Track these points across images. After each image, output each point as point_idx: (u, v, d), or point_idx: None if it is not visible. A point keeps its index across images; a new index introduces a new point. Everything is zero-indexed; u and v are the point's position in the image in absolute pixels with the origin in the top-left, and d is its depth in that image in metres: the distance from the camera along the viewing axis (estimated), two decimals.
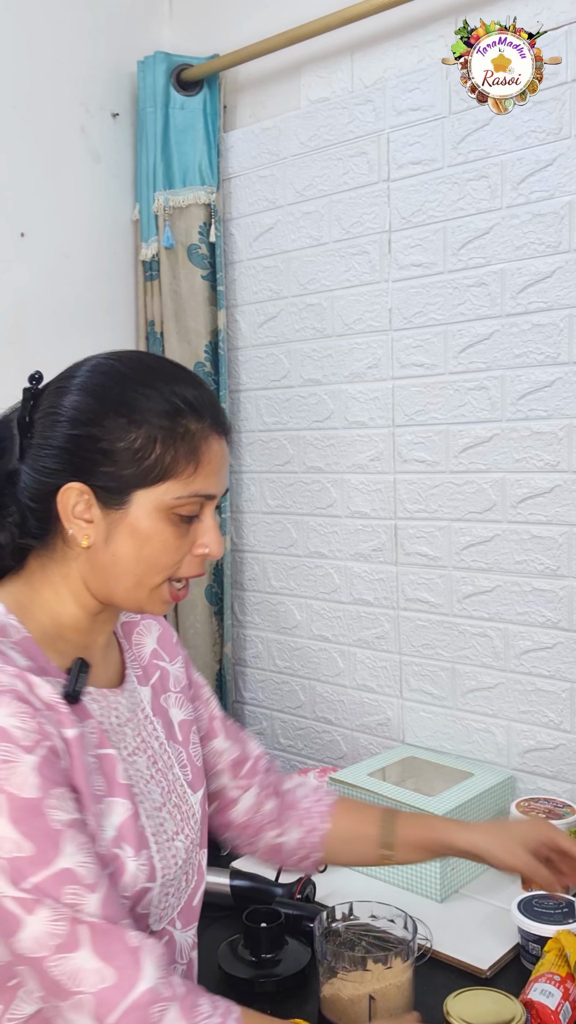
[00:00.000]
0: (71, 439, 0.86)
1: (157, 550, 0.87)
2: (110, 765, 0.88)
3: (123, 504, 0.86)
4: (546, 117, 1.48)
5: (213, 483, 0.88)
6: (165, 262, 1.90)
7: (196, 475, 0.87)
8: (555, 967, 1.14)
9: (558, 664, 1.56)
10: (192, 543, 0.89)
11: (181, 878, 0.95)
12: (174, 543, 0.87)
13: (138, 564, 0.87)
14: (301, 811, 1.15)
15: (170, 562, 0.88)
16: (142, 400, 0.86)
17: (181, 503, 0.86)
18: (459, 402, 1.63)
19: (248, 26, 1.85)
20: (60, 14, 1.81)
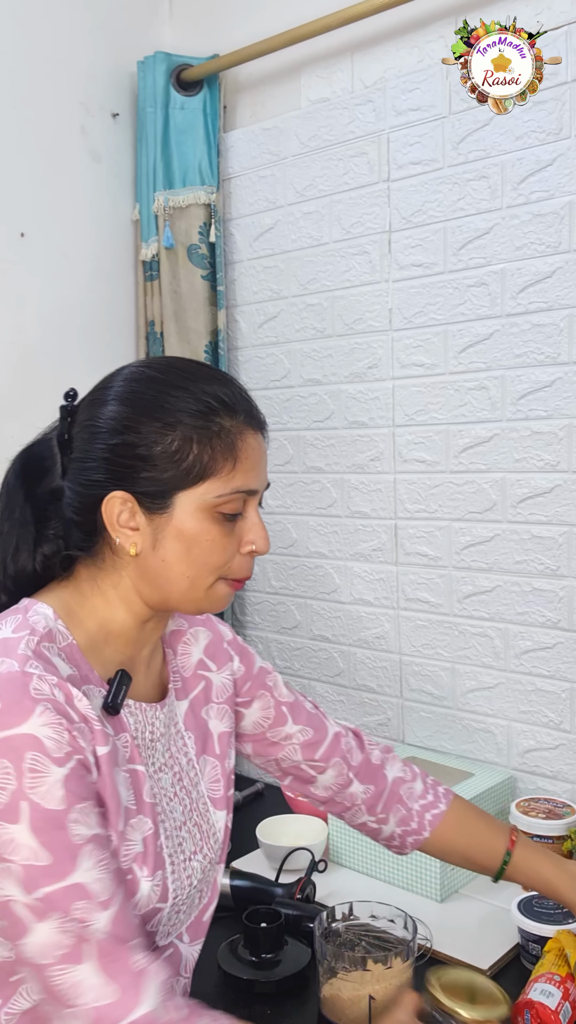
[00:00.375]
0: (110, 449, 0.86)
1: (205, 550, 0.87)
2: (139, 782, 0.88)
3: (166, 508, 0.86)
4: (546, 117, 1.48)
5: (253, 478, 0.88)
6: (165, 262, 1.90)
7: (235, 471, 0.87)
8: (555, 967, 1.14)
9: (558, 664, 1.56)
10: (239, 541, 0.89)
11: (195, 896, 0.95)
12: (221, 542, 0.87)
13: (189, 567, 0.87)
14: (409, 811, 1.15)
15: (220, 561, 0.88)
16: (174, 402, 0.86)
17: (223, 501, 0.86)
18: (459, 402, 1.63)
19: (248, 26, 1.85)
20: (60, 14, 1.81)
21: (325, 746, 1.13)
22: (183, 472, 0.86)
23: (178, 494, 0.86)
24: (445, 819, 1.15)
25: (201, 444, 0.86)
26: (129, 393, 0.88)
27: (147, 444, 0.85)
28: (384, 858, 1.50)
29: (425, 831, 1.14)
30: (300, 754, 1.12)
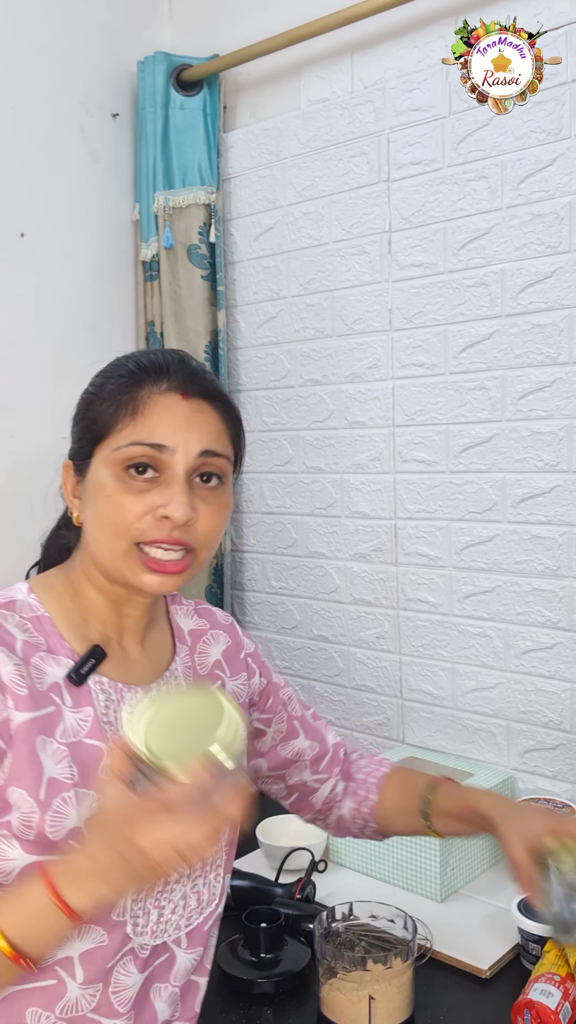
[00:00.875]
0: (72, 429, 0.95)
1: (108, 507, 0.86)
2: (93, 756, 0.86)
3: (87, 468, 0.90)
4: (546, 117, 1.48)
5: (158, 432, 0.86)
6: (165, 262, 1.90)
7: (135, 423, 0.87)
8: (555, 967, 1.14)
9: (558, 664, 1.56)
10: (152, 505, 0.86)
11: (178, 893, 0.93)
12: (124, 499, 0.86)
13: (98, 527, 0.88)
14: (356, 781, 1.16)
15: (124, 521, 0.85)
16: (101, 375, 0.93)
17: (122, 452, 0.86)
18: (459, 402, 1.63)
19: (248, 26, 1.85)
20: (60, 14, 1.81)
21: (328, 759, 1.15)
22: (91, 431, 0.89)
23: (94, 456, 0.89)
24: (388, 779, 1.15)
25: (104, 401, 0.89)
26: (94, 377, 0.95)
27: (79, 414, 0.93)
28: (384, 858, 1.50)
29: (375, 793, 1.14)
30: (309, 769, 1.14)
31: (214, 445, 0.89)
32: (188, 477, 0.87)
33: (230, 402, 0.94)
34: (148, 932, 0.90)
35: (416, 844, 1.45)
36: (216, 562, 1.96)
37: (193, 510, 0.86)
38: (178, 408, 0.88)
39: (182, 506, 0.85)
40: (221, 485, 0.91)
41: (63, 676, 0.87)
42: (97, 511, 0.88)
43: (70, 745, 0.85)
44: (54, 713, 0.85)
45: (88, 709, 0.88)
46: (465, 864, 1.48)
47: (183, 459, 0.86)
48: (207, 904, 0.97)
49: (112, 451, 0.87)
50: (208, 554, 0.91)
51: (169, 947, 0.93)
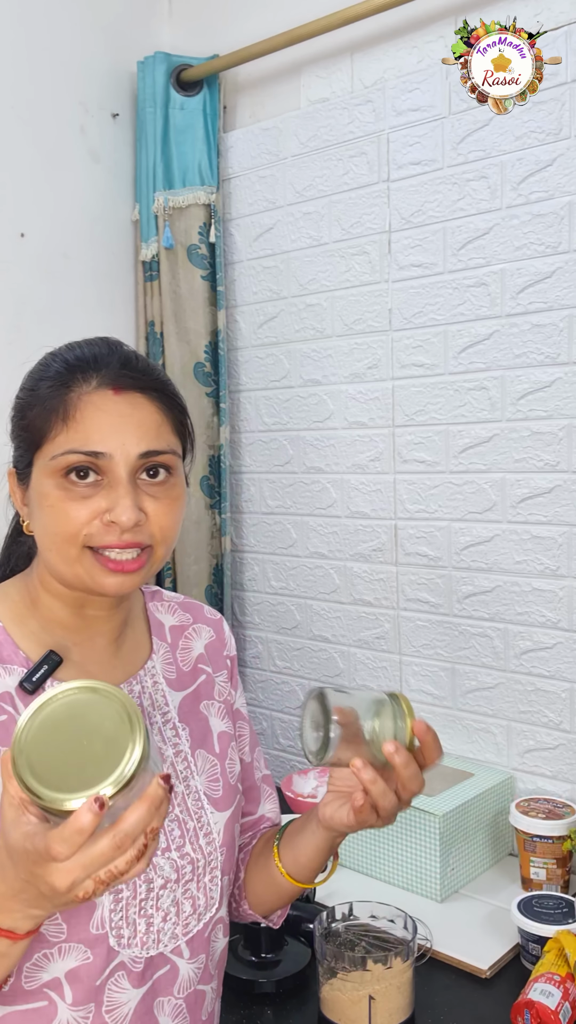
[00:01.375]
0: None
1: (53, 517, 0.83)
2: None
3: (29, 477, 0.86)
4: (546, 117, 1.48)
5: (93, 438, 0.82)
6: (165, 262, 1.90)
7: (68, 429, 0.82)
8: (555, 967, 1.14)
9: (558, 664, 1.56)
10: (97, 510, 0.82)
11: (167, 900, 0.88)
12: (68, 507, 0.82)
13: (47, 537, 0.84)
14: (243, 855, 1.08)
15: (71, 529, 0.82)
16: (30, 377, 0.89)
17: (58, 462, 0.82)
18: (459, 402, 1.63)
19: (248, 26, 1.85)
20: (60, 14, 1.81)
21: (251, 820, 1.09)
22: (27, 439, 0.86)
23: (34, 463, 0.85)
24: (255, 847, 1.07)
25: (34, 408, 0.85)
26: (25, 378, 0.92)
27: (14, 419, 0.89)
28: (384, 858, 1.50)
29: (243, 866, 1.06)
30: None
31: (154, 443, 0.84)
32: (132, 478, 0.83)
33: (169, 388, 0.89)
34: (137, 944, 0.85)
35: (416, 844, 1.45)
36: (216, 562, 1.96)
37: (141, 511, 0.83)
38: (110, 407, 0.83)
39: (127, 509, 0.81)
40: (170, 477, 0.86)
41: (15, 685, 0.84)
42: (44, 521, 0.84)
43: None
44: (6, 722, 0.83)
45: None
46: (465, 864, 1.48)
47: (123, 462, 0.82)
48: (205, 909, 0.92)
49: (49, 460, 0.83)
50: (166, 548, 0.87)
51: (168, 958, 0.88)
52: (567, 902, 1.26)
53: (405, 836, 1.47)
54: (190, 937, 0.90)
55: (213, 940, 0.94)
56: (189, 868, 0.90)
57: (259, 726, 2.03)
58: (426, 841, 1.43)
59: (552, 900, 1.27)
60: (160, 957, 0.87)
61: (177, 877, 0.89)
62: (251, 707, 2.04)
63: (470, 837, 1.49)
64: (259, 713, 2.02)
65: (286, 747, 1.98)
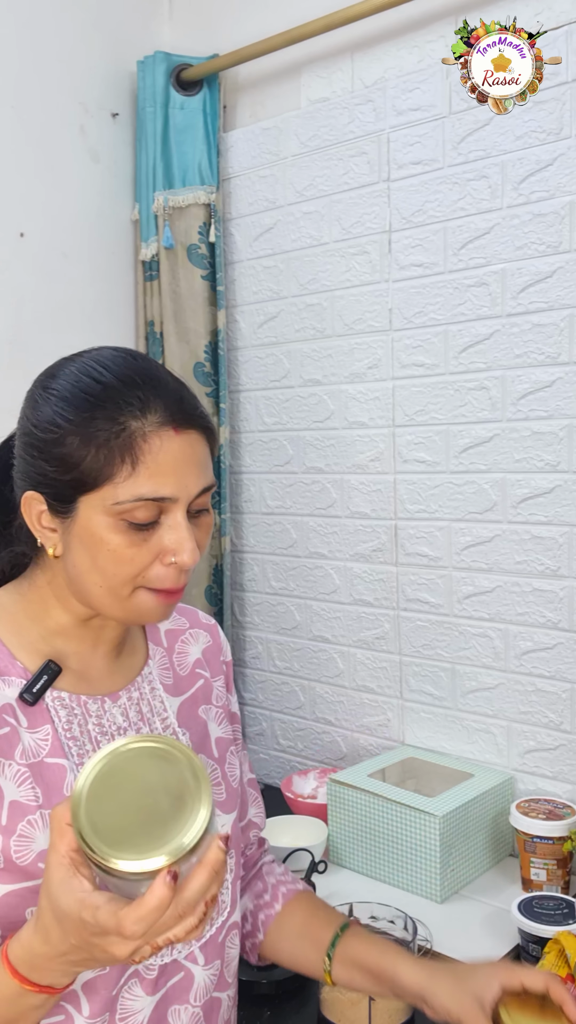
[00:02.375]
0: (24, 447, 0.84)
1: (109, 560, 0.80)
2: (56, 775, 0.82)
3: (70, 512, 0.81)
4: (546, 117, 1.48)
5: (164, 484, 0.79)
6: (165, 262, 1.90)
7: (136, 475, 0.78)
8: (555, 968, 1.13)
9: (558, 665, 1.55)
10: (158, 551, 0.81)
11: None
12: (127, 552, 0.80)
13: (97, 575, 0.81)
14: (264, 881, 1.07)
15: (129, 573, 0.80)
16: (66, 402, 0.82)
17: (124, 508, 0.79)
18: (459, 402, 1.63)
19: (248, 26, 1.85)
20: (60, 14, 1.81)
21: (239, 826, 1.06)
22: (80, 475, 0.80)
23: (81, 498, 0.80)
24: (297, 898, 1.04)
25: (96, 446, 0.79)
26: (48, 392, 0.84)
27: (50, 445, 0.81)
28: (384, 859, 1.50)
29: (278, 904, 1.04)
30: None
31: (207, 480, 0.83)
32: (188, 516, 0.82)
33: (210, 422, 0.87)
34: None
35: (416, 845, 1.44)
36: (216, 562, 1.96)
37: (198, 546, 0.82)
38: (175, 448, 0.80)
39: (192, 552, 0.80)
40: (209, 511, 0.86)
41: (16, 697, 0.83)
42: (95, 560, 0.81)
43: (31, 766, 0.81)
44: (9, 734, 0.81)
45: (46, 728, 0.84)
46: (465, 865, 1.48)
47: (184, 503, 0.81)
48: (217, 914, 0.91)
49: (112, 504, 0.79)
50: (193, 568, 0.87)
51: (183, 965, 0.87)
52: (567, 903, 1.26)
53: (405, 837, 1.47)
54: (204, 942, 0.89)
55: (229, 946, 0.93)
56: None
57: (259, 726, 2.02)
58: (426, 842, 1.43)
59: (552, 901, 1.27)
60: (174, 964, 0.86)
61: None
62: (251, 707, 2.04)
63: (470, 838, 1.49)
64: (259, 713, 2.02)
65: (286, 747, 1.98)
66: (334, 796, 1.58)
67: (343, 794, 1.56)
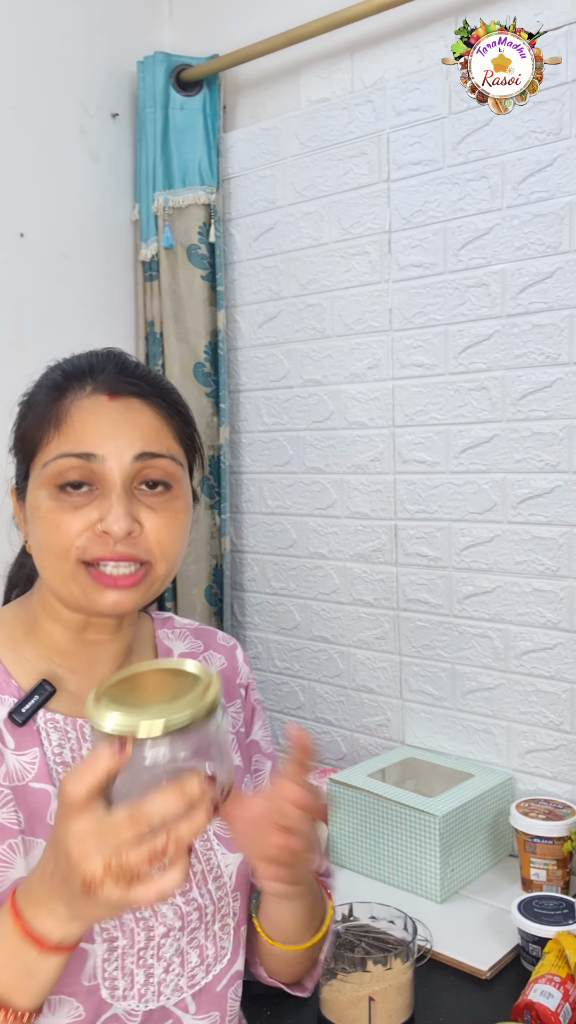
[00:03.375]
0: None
1: (45, 529, 0.79)
2: (40, 802, 0.79)
3: (26, 490, 0.83)
4: (546, 117, 1.48)
5: (87, 441, 0.78)
6: (165, 262, 1.90)
7: (60, 436, 0.79)
8: (555, 968, 1.13)
9: (558, 665, 1.55)
10: (93, 520, 0.78)
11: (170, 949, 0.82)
12: (60, 518, 0.78)
13: (41, 552, 0.80)
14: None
15: (64, 542, 0.77)
16: (30, 389, 0.87)
17: (51, 470, 0.78)
18: (459, 402, 1.63)
19: (248, 26, 1.85)
20: (60, 14, 1.81)
21: None
22: (22, 450, 0.83)
23: (30, 475, 0.82)
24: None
25: (28, 417, 0.83)
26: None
27: (11, 433, 0.86)
28: (384, 859, 1.50)
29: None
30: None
31: (151, 446, 0.80)
32: (127, 486, 0.79)
33: (171, 395, 0.85)
34: (135, 995, 0.80)
35: (416, 845, 1.44)
36: (216, 563, 1.96)
37: (135, 521, 0.78)
38: (104, 410, 0.79)
39: (119, 518, 0.76)
40: (170, 489, 0.81)
41: (5, 716, 0.80)
42: (37, 535, 0.80)
43: (14, 789, 0.79)
44: None
45: (34, 750, 0.81)
46: (465, 865, 1.48)
47: (117, 466, 0.78)
48: (215, 960, 0.85)
49: (42, 468, 0.79)
50: (167, 566, 0.81)
51: (171, 1012, 0.82)
52: (567, 903, 1.26)
53: (405, 837, 1.47)
54: (197, 990, 0.84)
55: (231, 998, 0.87)
56: (196, 915, 0.84)
57: None
58: (426, 842, 1.43)
59: (552, 901, 1.27)
60: (161, 1011, 0.82)
61: (182, 925, 0.83)
62: None
63: (470, 838, 1.49)
64: None
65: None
66: (334, 796, 1.58)
67: (343, 794, 1.56)
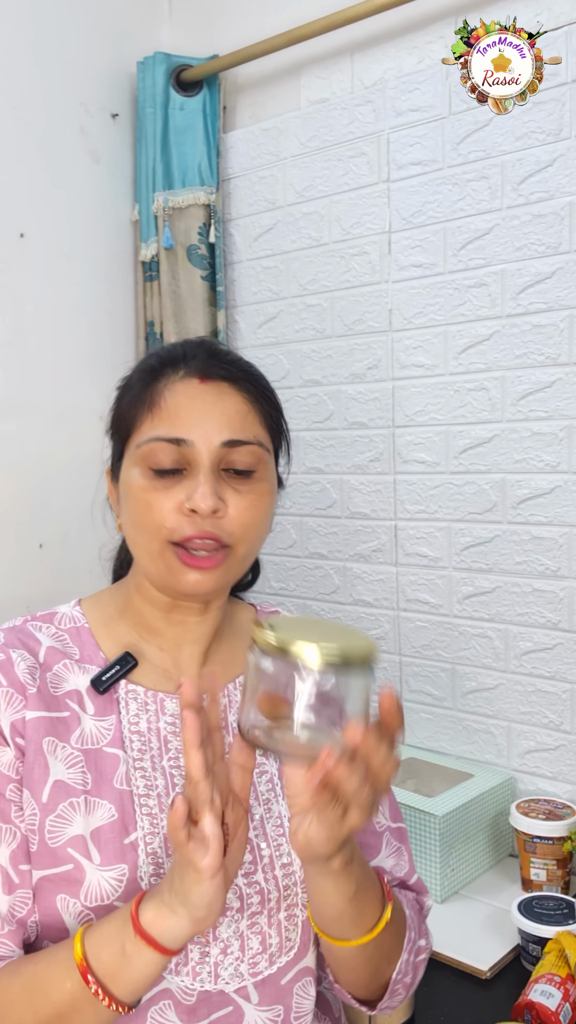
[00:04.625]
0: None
1: (137, 508, 0.82)
2: (110, 765, 0.82)
3: (119, 471, 0.87)
4: (546, 118, 1.48)
5: (179, 425, 0.81)
6: (164, 263, 1.90)
7: (154, 419, 0.82)
8: (555, 968, 1.14)
9: (558, 665, 1.55)
10: (182, 500, 0.81)
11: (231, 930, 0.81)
12: (152, 498, 0.81)
13: (134, 530, 0.84)
14: None
15: (155, 520, 0.80)
16: (129, 372, 0.90)
17: (144, 451, 0.82)
18: (459, 403, 1.63)
19: (248, 26, 1.85)
20: (60, 15, 1.81)
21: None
22: (117, 433, 0.87)
23: (124, 458, 0.86)
24: None
25: (124, 401, 0.87)
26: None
27: (110, 415, 0.90)
28: None
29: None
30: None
31: (238, 433, 0.82)
32: (215, 467, 0.81)
33: (259, 380, 0.87)
34: (188, 973, 0.79)
35: (416, 844, 1.44)
36: None
37: (221, 500, 0.81)
38: (195, 394, 0.83)
39: (206, 496, 0.79)
40: (255, 473, 0.84)
41: (87, 684, 0.85)
42: (130, 514, 0.84)
43: (86, 752, 0.82)
44: (69, 718, 0.83)
45: (112, 718, 0.84)
46: (465, 865, 1.48)
47: (206, 450, 0.81)
48: (280, 951, 0.83)
49: (135, 449, 0.83)
50: (247, 548, 0.84)
51: (231, 999, 0.80)
52: (567, 903, 1.26)
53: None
54: (260, 980, 0.81)
55: (299, 995, 0.84)
56: (257, 899, 0.82)
57: None
58: (426, 842, 1.43)
59: (552, 901, 1.27)
60: (220, 995, 0.80)
61: (241, 906, 0.81)
62: None
63: (470, 838, 1.49)
64: None
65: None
66: None
67: None
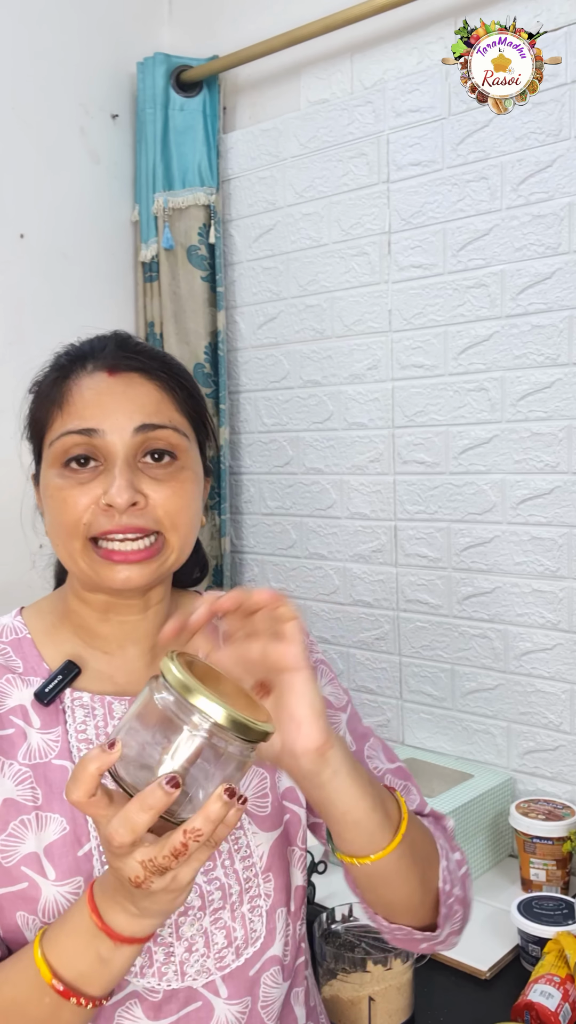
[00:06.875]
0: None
1: (55, 508, 0.80)
2: (60, 778, 0.80)
3: (40, 475, 0.85)
4: (546, 118, 1.48)
5: (89, 417, 0.79)
6: (164, 263, 1.90)
7: (63, 413, 0.81)
8: (555, 968, 1.13)
9: (558, 665, 1.55)
10: (98, 495, 0.79)
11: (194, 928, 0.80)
12: (68, 496, 0.79)
13: (54, 532, 0.82)
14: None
15: (71, 518, 0.79)
16: (39, 372, 0.89)
17: (57, 448, 0.80)
18: (459, 403, 1.63)
19: (248, 27, 1.85)
20: (60, 15, 1.81)
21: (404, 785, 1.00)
22: (32, 435, 0.86)
23: (41, 458, 0.84)
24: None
25: (35, 400, 0.86)
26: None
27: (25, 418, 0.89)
28: None
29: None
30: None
31: (152, 418, 0.80)
32: (130, 458, 0.79)
33: (173, 368, 0.85)
34: (154, 973, 0.78)
35: None
36: (216, 563, 1.96)
37: (139, 492, 0.78)
38: (104, 386, 0.81)
39: (122, 490, 0.77)
40: (176, 460, 0.81)
41: (32, 698, 0.82)
42: (49, 516, 0.82)
43: (34, 767, 0.80)
44: (14, 735, 0.80)
45: (58, 729, 0.82)
46: None
47: (118, 440, 0.79)
48: (245, 943, 0.82)
49: (49, 448, 0.81)
50: (179, 537, 0.81)
51: (200, 994, 0.80)
52: (567, 903, 1.26)
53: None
54: (228, 972, 0.81)
55: (267, 984, 0.83)
56: (219, 895, 0.82)
57: None
58: None
59: (552, 901, 1.27)
60: (187, 992, 0.80)
61: (202, 904, 0.81)
62: None
63: (470, 838, 1.49)
64: None
65: None
66: None
67: None
